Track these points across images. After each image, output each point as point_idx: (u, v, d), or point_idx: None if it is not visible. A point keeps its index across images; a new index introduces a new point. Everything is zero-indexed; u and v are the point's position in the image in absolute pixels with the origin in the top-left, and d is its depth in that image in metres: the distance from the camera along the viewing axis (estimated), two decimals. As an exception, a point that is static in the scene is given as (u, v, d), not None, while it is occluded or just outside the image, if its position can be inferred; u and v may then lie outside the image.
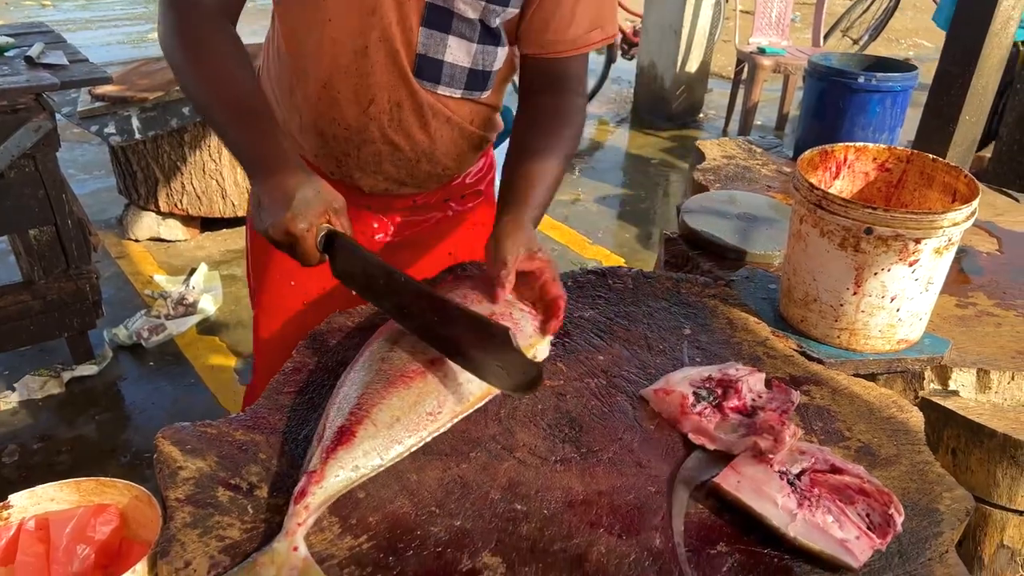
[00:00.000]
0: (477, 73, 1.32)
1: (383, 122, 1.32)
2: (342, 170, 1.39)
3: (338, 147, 1.36)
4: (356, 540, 0.88)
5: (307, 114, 1.35)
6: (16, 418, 2.70)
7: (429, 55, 1.27)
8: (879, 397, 1.17)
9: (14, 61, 2.57)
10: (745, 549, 0.90)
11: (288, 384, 1.13)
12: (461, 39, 1.27)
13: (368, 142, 1.34)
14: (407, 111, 1.31)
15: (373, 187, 1.41)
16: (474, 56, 1.30)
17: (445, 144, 1.38)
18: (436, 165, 1.41)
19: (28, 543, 0.96)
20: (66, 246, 2.65)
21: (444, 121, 1.35)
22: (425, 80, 1.29)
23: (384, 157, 1.36)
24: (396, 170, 1.39)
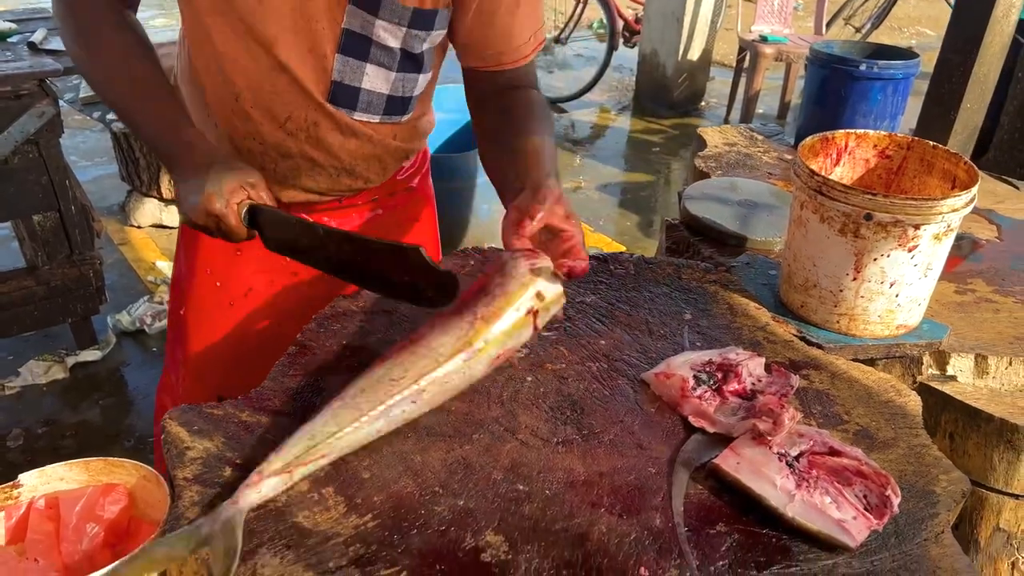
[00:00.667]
0: (396, 99, 1.30)
1: (300, 139, 1.28)
2: None
3: (254, 161, 1.29)
4: (361, 519, 0.89)
5: (223, 128, 1.30)
6: (21, 403, 2.72)
7: (345, 82, 1.24)
8: (877, 381, 1.18)
9: (17, 47, 2.58)
10: (744, 529, 0.91)
11: (293, 367, 1.14)
12: (379, 67, 1.24)
13: (286, 156, 1.30)
14: (325, 130, 1.28)
15: (293, 198, 1.37)
16: (393, 83, 1.27)
17: (366, 159, 1.35)
18: (357, 179, 1.38)
19: (38, 521, 0.98)
20: (69, 232, 2.66)
21: (366, 140, 1.32)
22: (340, 107, 1.26)
23: (303, 171, 1.33)
24: (315, 183, 1.36)
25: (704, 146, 2.24)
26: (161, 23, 7.54)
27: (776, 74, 6.03)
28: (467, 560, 0.85)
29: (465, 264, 1.43)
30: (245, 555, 0.83)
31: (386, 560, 0.84)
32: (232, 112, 1.27)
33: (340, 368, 1.14)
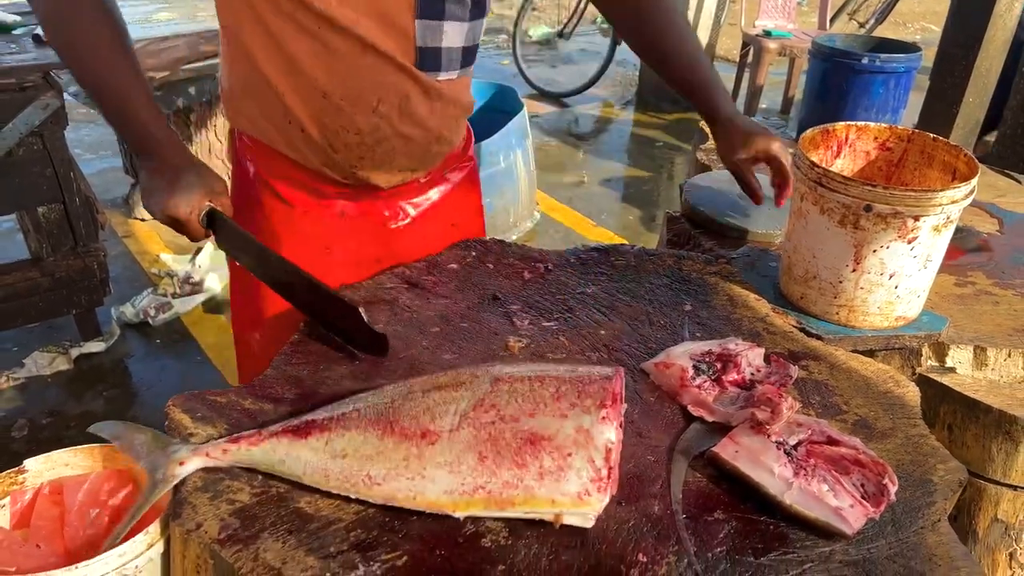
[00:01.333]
0: (468, 49, 1.33)
1: (393, 118, 1.30)
2: (357, 175, 1.36)
3: (352, 153, 1.32)
4: (362, 505, 0.90)
5: (313, 129, 1.29)
6: (25, 393, 2.74)
7: (428, 45, 1.26)
8: (876, 372, 1.19)
9: (22, 39, 2.59)
10: (742, 516, 0.92)
11: (296, 356, 1.15)
12: (455, 21, 1.26)
13: (381, 141, 1.32)
14: (415, 102, 1.30)
15: (390, 181, 1.40)
16: (466, 35, 1.30)
17: (449, 121, 1.39)
18: (444, 144, 1.42)
19: (44, 507, 0.99)
20: (74, 224, 2.67)
21: (450, 102, 1.36)
22: (428, 71, 1.29)
23: (398, 151, 1.35)
24: (410, 160, 1.39)
25: (706, 139, 2.24)
26: (165, 16, 7.55)
27: (780, 69, 6.02)
28: (467, 545, 0.85)
29: (466, 256, 1.44)
30: (247, 540, 0.84)
31: (387, 545, 0.85)
32: (321, 111, 1.27)
33: (341, 358, 1.15)
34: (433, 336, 1.21)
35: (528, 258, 1.45)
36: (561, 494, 0.86)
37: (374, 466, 0.90)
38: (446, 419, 0.91)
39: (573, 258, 1.45)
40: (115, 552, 0.86)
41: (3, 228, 3.66)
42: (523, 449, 0.88)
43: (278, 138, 1.32)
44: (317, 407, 0.99)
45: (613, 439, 0.88)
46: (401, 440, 0.91)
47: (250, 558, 0.82)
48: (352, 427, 0.93)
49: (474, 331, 1.23)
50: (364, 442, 0.91)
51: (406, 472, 0.89)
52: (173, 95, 3.48)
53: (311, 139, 1.30)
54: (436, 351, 1.18)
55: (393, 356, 1.16)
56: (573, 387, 0.92)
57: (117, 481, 1.00)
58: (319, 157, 1.33)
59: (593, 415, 0.89)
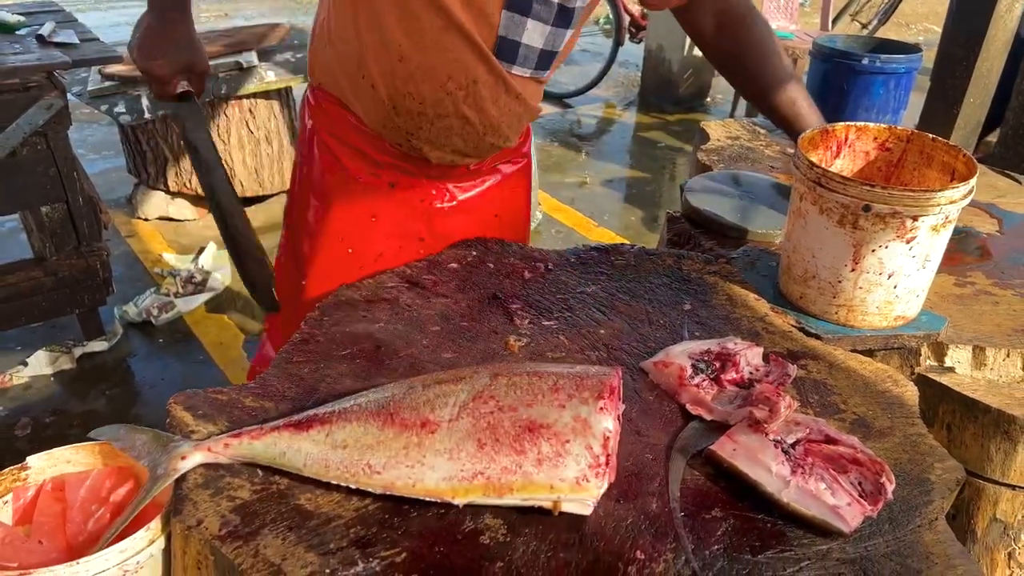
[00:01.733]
0: (546, 54, 1.38)
1: (459, 97, 1.35)
2: (411, 143, 1.42)
3: (411, 121, 1.38)
4: (362, 502, 0.91)
5: (382, 88, 1.36)
6: (29, 392, 2.75)
7: (509, 37, 1.32)
8: (875, 371, 1.19)
9: (26, 39, 2.60)
10: (739, 514, 0.92)
11: (297, 354, 1.16)
12: (538, 21, 1.32)
13: (442, 116, 1.37)
14: (483, 87, 1.35)
15: (440, 159, 1.45)
16: (546, 38, 1.35)
17: (510, 117, 1.43)
18: (499, 137, 1.46)
19: (46, 504, 0.99)
20: (77, 223, 2.68)
21: (514, 97, 1.40)
22: (503, 60, 1.34)
23: (455, 131, 1.40)
24: (463, 143, 1.43)
25: (707, 139, 2.25)
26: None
27: (782, 70, 6.01)
28: (466, 542, 0.86)
29: (467, 255, 1.45)
30: (247, 536, 0.85)
31: (386, 542, 0.86)
32: (394, 73, 1.34)
33: (342, 356, 1.16)
34: (433, 335, 1.21)
35: (528, 257, 1.46)
36: (559, 479, 0.87)
37: (374, 455, 0.91)
38: (446, 410, 0.92)
39: (573, 257, 1.46)
40: (116, 548, 0.86)
41: (6, 228, 3.67)
42: (521, 436, 0.89)
43: (348, 90, 1.41)
44: (318, 404, 0.99)
45: (611, 428, 0.89)
46: (401, 430, 0.91)
47: (250, 554, 0.83)
48: (353, 419, 0.94)
49: (474, 330, 1.23)
50: (365, 432, 0.92)
51: (406, 460, 0.90)
52: (177, 95, 3.48)
53: (379, 97, 1.37)
54: (436, 350, 1.18)
55: (393, 355, 1.16)
56: (571, 381, 0.93)
57: (118, 478, 1.01)
58: (381, 118, 1.40)
59: (591, 405, 0.90)
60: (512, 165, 1.63)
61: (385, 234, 1.49)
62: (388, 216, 1.49)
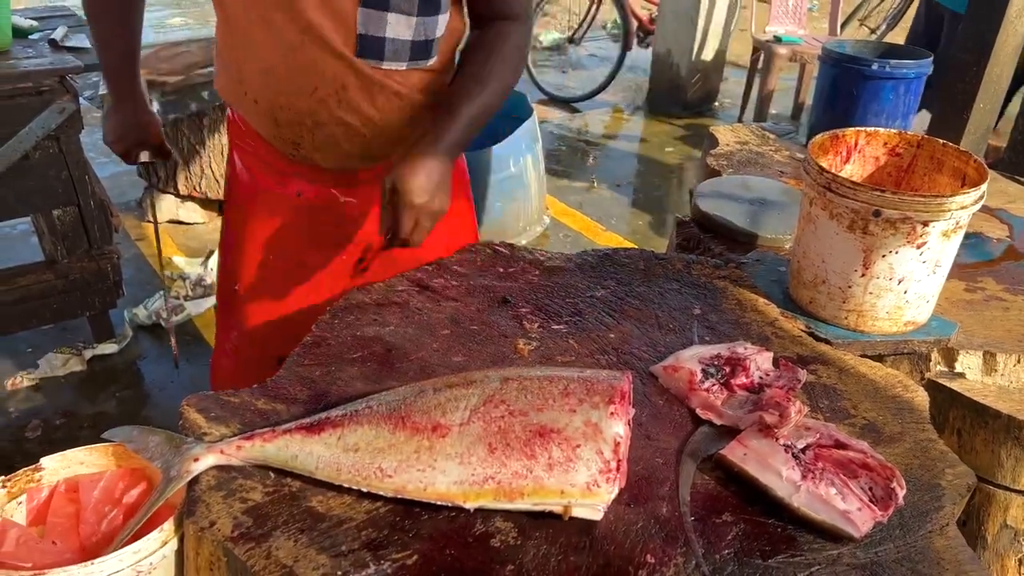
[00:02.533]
0: (419, 43, 1.33)
1: (332, 104, 1.33)
2: (300, 152, 1.40)
3: (293, 131, 1.37)
4: (374, 504, 0.91)
5: (261, 102, 1.36)
6: (39, 394, 2.76)
7: (370, 34, 1.28)
8: (885, 377, 1.19)
9: (38, 44, 2.61)
10: (750, 519, 0.93)
11: (308, 357, 1.16)
12: (400, 14, 1.28)
13: (320, 124, 1.35)
14: (353, 91, 1.32)
15: (335, 164, 1.43)
16: (415, 29, 1.30)
17: (395, 116, 1.38)
18: (390, 137, 1.41)
19: (60, 505, 1.00)
20: (88, 226, 2.69)
21: (392, 95, 1.35)
22: (369, 59, 1.30)
23: (339, 137, 1.38)
24: (353, 147, 1.40)
25: (716, 144, 2.25)
26: (178, 22, 7.60)
27: (790, 75, 6.01)
28: (476, 545, 0.86)
29: (476, 259, 1.45)
30: (259, 538, 0.86)
31: (397, 544, 0.86)
32: (266, 86, 1.34)
33: (353, 359, 1.16)
34: (443, 338, 1.22)
35: (537, 262, 1.46)
36: (570, 484, 0.87)
37: (386, 459, 0.91)
38: (457, 414, 0.92)
39: (583, 262, 1.46)
40: (130, 549, 0.87)
41: (18, 231, 3.69)
42: (532, 441, 0.89)
43: (237, 105, 1.43)
44: (329, 407, 1.00)
45: (621, 432, 0.89)
46: (413, 434, 0.92)
47: (262, 556, 0.84)
48: (364, 423, 0.94)
49: (484, 333, 1.24)
50: (376, 436, 0.93)
51: (417, 464, 0.90)
52: (187, 99, 3.50)
53: (260, 111, 1.38)
54: (446, 353, 1.19)
55: (404, 358, 1.17)
56: (582, 385, 0.93)
57: (132, 479, 1.01)
58: (267, 130, 1.40)
59: (602, 410, 0.90)
60: None
61: (302, 242, 1.48)
62: (300, 225, 1.47)
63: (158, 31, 7.10)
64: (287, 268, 1.51)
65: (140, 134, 1.62)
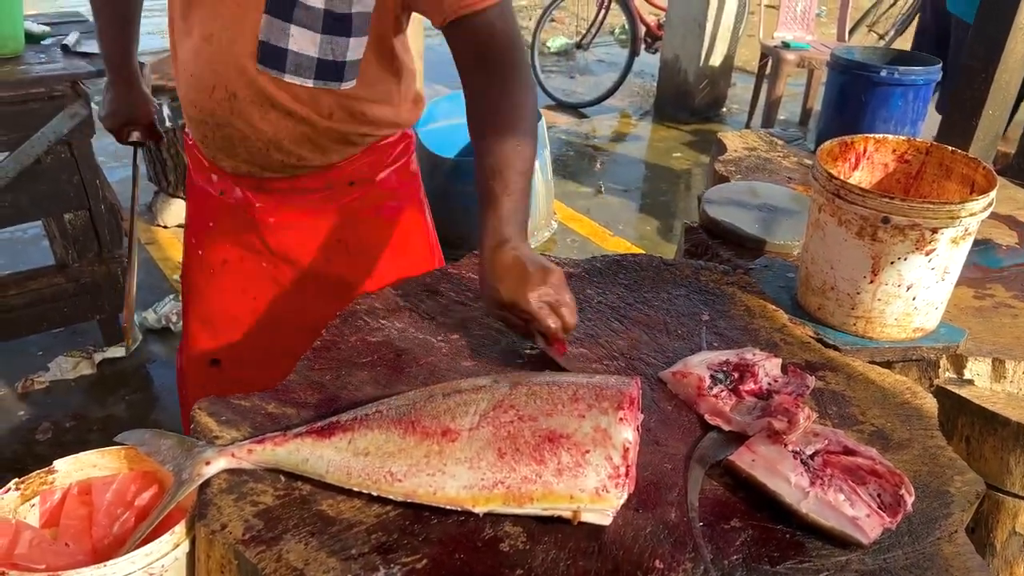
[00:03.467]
0: (328, 64, 1.29)
1: (227, 108, 1.34)
2: (208, 150, 1.43)
3: (198, 129, 1.41)
4: (383, 508, 0.92)
5: (181, 97, 1.42)
6: (49, 397, 2.77)
7: (271, 42, 1.26)
8: (894, 383, 1.19)
9: (51, 49, 2.63)
10: (758, 525, 0.93)
11: (318, 361, 1.17)
12: (304, 28, 1.25)
13: (221, 126, 1.37)
14: (243, 101, 1.32)
15: (234, 169, 1.43)
16: (320, 46, 1.27)
17: (291, 135, 1.36)
18: (289, 155, 1.39)
19: (72, 507, 1.01)
20: (99, 230, 2.71)
21: (285, 113, 1.33)
22: (269, 67, 1.28)
23: (236, 142, 1.38)
24: (250, 155, 1.39)
25: (724, 150, 2.26)
26: None
27: (798, 81, 6.01)
28: (486, 549, 0.87)
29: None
30: (270, 541, 0.86)
31: (407, 548, 0.86)
32: (180, 82, 1.40)
33: (363, 364, 1.17)
34: (452, 343, 1.23)
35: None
36: (579, 490, 0.88)
37: (395, 463, 0.92)
38: (466, 418, 0.93)
39: (591, 267, 1.47)
40: (142, 551, 0.88)
41: (29, 234, 3.72)
42: (542, 446, 0.90)
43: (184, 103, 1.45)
44: (339, 411, 1.01)
45: (631, 438, 0.90)
46: (422, 438, 0.92)
47: (273, 559, 0.84)
48: (375, 427, 0.95)
49: (492, 339, 1.24)
50: (386, 440, 0.93)
51: (427, 468, 0.91)
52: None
53: (183, 105, 1.43)
54: (456, 358, 1.19)
55: (413, 363, 1.18)
56: (591, 391, 0.94)
57: (144, 482, 1.02)
58: (188, 125, 1.46)
59: (611, 416, 0.91)
60: (354, 190, 1.48)
61: (224, 241, 1.52)
62: (222, 224, 1.51)
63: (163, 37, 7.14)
64: (214, 264, 1.55)
65: (132, 113, 1.73)
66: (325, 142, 1.40)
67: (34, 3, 7.04)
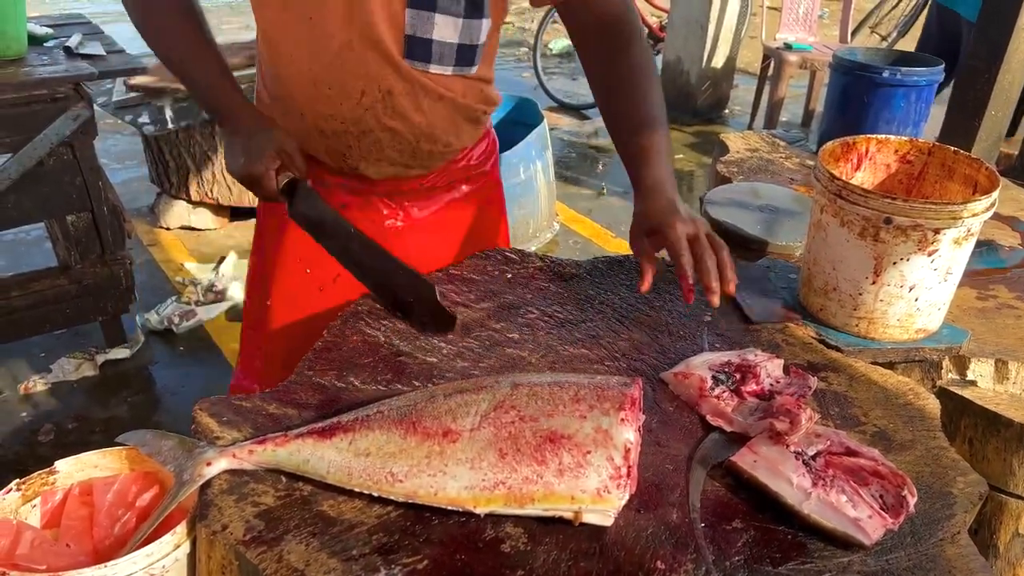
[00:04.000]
0: (465, 48, 1.33)
1: (378, 111, 1.34)
2: (348, 162, 1.42)
3: (339, 141, 1.38)
4: (384, 509, 0.92)
5: (307, 115, 1.37)
6: (52, 399, 2.78)
7: (418, 35, 1.28)
8: (896, 384, 1.19)
9: (53, 51, 2.64)
10: (760, 526, 0.93)
11: (319, 362, 1.17)
12: (447, 15, 1.28)
13: (367, 132, 1.36)
14: (399, 95, 1.33)
15: (381, 173, 1.44)
16: (461, 31, 1.30)
17: (441, 121, 1.40)
18: (436, 143, 1.43)
19: (73, 508, 1.01)
20: (101, 232, 2.71)
21: (437, 99, 1.36)
22: (416, 61, 1.31)
23: (385, 144, 1.39)
24: (399, 154, 1.41)
25: (726, 151, 2.25)
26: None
27: (801, 82, 6.01)
28: (487, 550, 0.87)
29: (486, 265, 1.46)
30: (271, 542, 0.86)
31: (408, 549, 0.86)
32: (313, 98, 1.34)
33: (364, 365, 1.17)
34: (453, 344, 1.22)
35: (547, 268, 1.46)
36: (581, 490, 0.88)
37: (397, 463, 0.92)
38: (467, 419, 0.93)
39: (593, 268, 1.47)
40: (143, 552, 0.87)
41: (32, 236, 3.72)
42: (543, 447, 0.90)
43: (283, 121, 1.38)
44: (340, 412, 1.01)
45: (632, 439, 0.90)
46: (424, 439, 0.92)
47: (274, 559, 0.84)
48: (376, 427, 0.95)
49: (493, 339, 1.24)
50: (387, 441, 0.93)
51: (428, 469, 0.91)
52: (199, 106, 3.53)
53: (307, 124, 1.37)
54: (456, 359, 1.19)
55: (414, 364, 1.17)
56: (592, 391, 0.94)
57: (145, 483, 1.02)
58: (314, 143, 1.40)
59: (612, 417, 0.90)
60: (471, 184, 1.56)
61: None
62: None
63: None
64: (325, 280, 1.50)
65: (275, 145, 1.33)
66: (463, 123, 1.44)
67: (37, 5, 7.05)
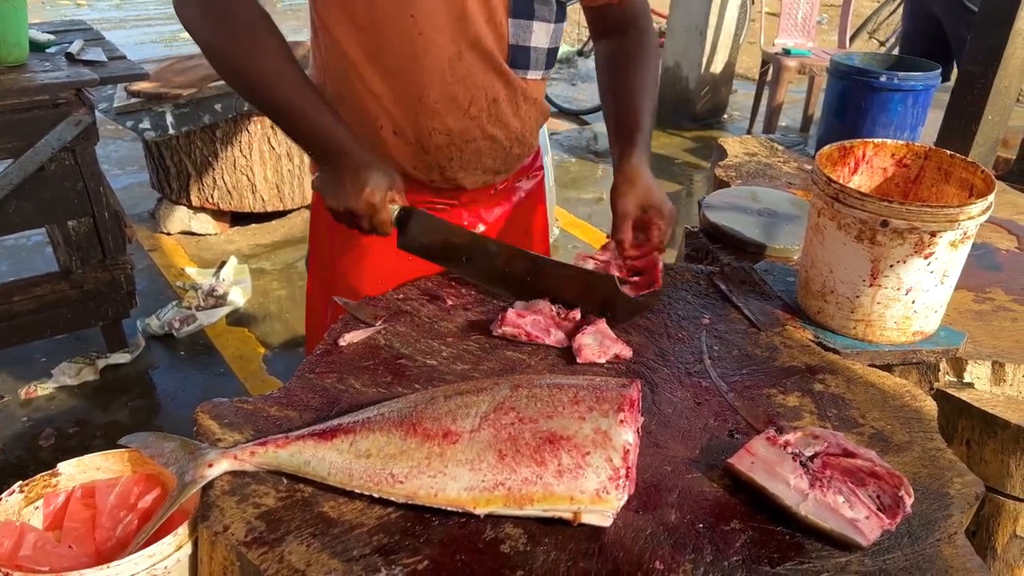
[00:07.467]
0: (551, 52, 1.41)
1: (483, 120, 1.38)
2: (445, 175, 1.43)
3: (441, 154, 1.40)
4: (385, 510, 0.92)
5: (408, 132, 1.36)
6: (53, 403, 2.79)
7: (520, 44, 1.34)
8: (893, 386, 1.19)
9: (55, 57, 2.65)
10: (758, 527, 0.93)
11: (320, 365, 1.18)
12: (542, 22, 1.34)
13: (469, 142, 1.40)
14: (503, 103, 1.38)
15: (475, 183, 1.48)
16: (551, 36, 1.38)
17: (531, 124, 1.47)
18: (524, 147, 1.49)
19: (76, 510, 1.01)
20: (103, 237, 2.72)
21: (531, 103, 1.43)
22: (517, 69, 1.37)
23: (484, 152, 1.43)
24: (494, 161, 1.46)
25: (725, 156, 2.26)
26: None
27: (799, 87, 6.03)
28: (487, 551, 0.87)
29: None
30: (272, 542, 0.87)
31: (408, 549, 0.87)
32: (417, 113, 1.35)
33: (364, 367, 1.18)
34: (453, 347, 1.23)
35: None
36: (580, 491, 0.88)
37: (397, 465, 0.92)
38: (467, 421, 0.93)
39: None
40: (145, 553, 0.88)
41: (33, 241, 3.73)
42: (542, 448, 0.90)
43: (367, 142, 1.34)
44: (341, 414, 1.01)
45: (631, 440, 0.90)
46: (424, 440, 0.93)
47: (275, 560, 0.85)
48: (376, 429, 0.95)
49: (492, 343, 1.25)
50: (388, 442, 0.94)
51: (428, 470, 0.91)
52: (200, 112, 3.54)
53: (405, 142, 1.38)
54: (456, 361, 1.20)
55: (414, 366, 1.18)
56: (591, 393, 0.94)
57: (147, 484, 1.03)
58: (409, 159, 1.40)
59: (611, 418, 0.91)
60: (530, 180, 1.65)
61: (421, 268, 1.42)
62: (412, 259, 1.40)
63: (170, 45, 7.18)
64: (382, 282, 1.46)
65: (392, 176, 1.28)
66: (542, 122, 1.52)
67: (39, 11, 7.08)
